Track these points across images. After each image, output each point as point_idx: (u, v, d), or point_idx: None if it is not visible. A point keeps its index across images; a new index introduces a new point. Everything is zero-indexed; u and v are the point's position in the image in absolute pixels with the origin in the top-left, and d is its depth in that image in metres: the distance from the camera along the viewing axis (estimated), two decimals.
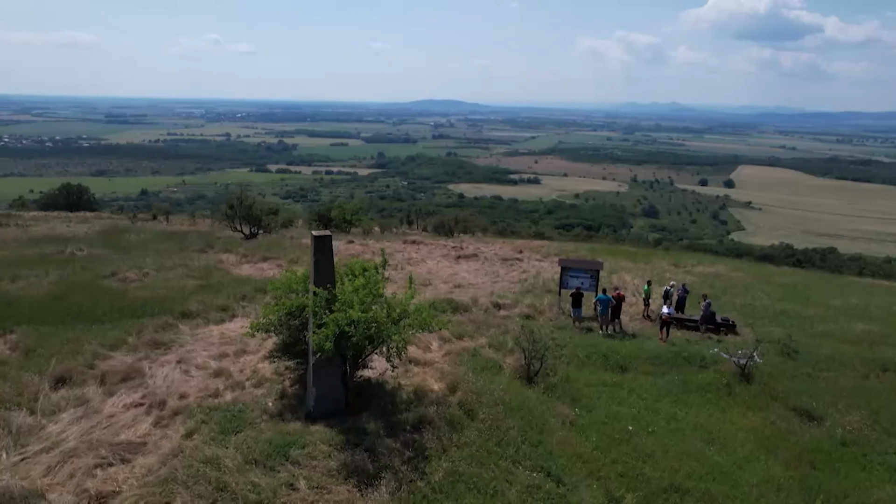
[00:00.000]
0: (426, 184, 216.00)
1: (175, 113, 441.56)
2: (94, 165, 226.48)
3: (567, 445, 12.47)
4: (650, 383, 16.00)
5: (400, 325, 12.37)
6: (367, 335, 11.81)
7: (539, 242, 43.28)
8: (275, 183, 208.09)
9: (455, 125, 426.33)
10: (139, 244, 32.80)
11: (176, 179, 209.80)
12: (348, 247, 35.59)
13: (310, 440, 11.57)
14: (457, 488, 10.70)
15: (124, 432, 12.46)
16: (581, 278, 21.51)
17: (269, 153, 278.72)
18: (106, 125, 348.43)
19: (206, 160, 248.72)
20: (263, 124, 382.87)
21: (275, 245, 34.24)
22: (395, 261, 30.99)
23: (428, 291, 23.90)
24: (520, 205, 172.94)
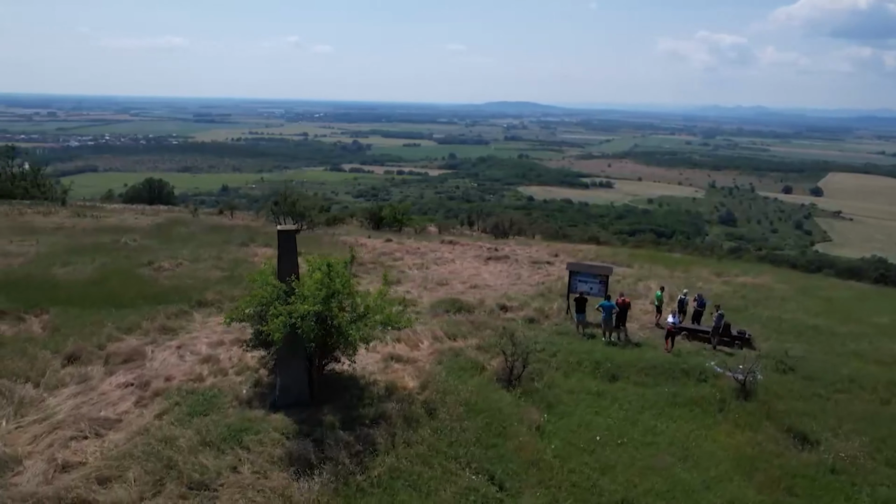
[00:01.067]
0: (496, 185, 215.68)
1: (257, 113, 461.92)
2: (182, 162, 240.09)
3: (524, 451, 12.28)
4: (637, 394, 15.43)
5: (362, 322, 12.58)
6: (322, 329, 12.08)
7: (585, 246, 42.38)
8: (348, 182, 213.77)
9: (528, 127, 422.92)
10: (187, 237, 34.66)
11: (255, 177, 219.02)
12: (385, 244, 36.16)
13: (264, 427, 12.01)
14: (394, 485, 10.81)
15: (106, 409, 13.35)
16: (590, 283, 20.98)
17: (343, 153, 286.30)
18: (194, 124, 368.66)
19: (284, 158, 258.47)
20: (339, 124, 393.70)
21: (312, 241, 35.23)
22: (425, 260, 31.30)
23: (442, 291, 24.02)
24: (590, 209, 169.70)
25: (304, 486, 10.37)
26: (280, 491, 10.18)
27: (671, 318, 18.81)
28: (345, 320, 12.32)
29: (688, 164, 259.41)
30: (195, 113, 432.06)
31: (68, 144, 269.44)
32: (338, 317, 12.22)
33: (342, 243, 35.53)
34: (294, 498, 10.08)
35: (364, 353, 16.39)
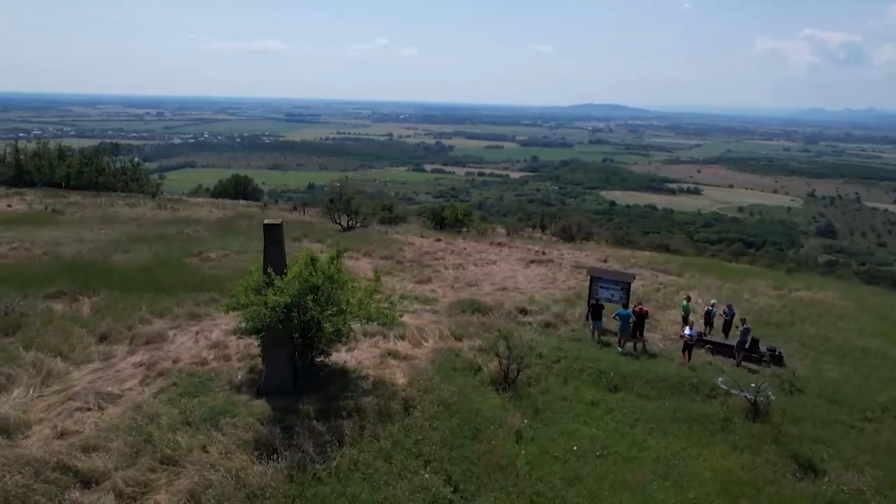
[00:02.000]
0: (577, 189, 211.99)
1: (345, 113, 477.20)
2: (272, 160, 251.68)
3: (493, 454, 12.15)
4: (635, 406, 14.81)
5: (339, 318, 12.88)
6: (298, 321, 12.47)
7: (645, 253, 40.86)
8: (429, 182, 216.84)
9: (614, 130, 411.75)
10: (245, 230, 36.47)
11: (340, 175, 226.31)
12: (433, 244, 36.50)
13: (242, 412, 12.58)
14: (350, 477, 11.03)
15: (114, 385, 14.40)
16: (611, 290, 20.30)
17: (426, 153, 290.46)
18: (285, 124, 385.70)
19: (369, 158, 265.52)
20: (424, 125, 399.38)
21: (362, 238, 36.17)
22: (466, 260, 31.37)
23: (468, 291, 24.03)
24: (674, 215, 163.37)
25: (260, 470, 10.78)
26: (236, 472, 10.64)
27: (688, 330, 17.90)
28: (317, 313, 12.67)
29: (784, 171, 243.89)
30: (287, 113, 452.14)
31: (172, 142, 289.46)
32: (312, 309, 12.58)
33: (391, 241, 36.24)
34: (247, 480, 10.51)
35: (364, 348, 16.82)
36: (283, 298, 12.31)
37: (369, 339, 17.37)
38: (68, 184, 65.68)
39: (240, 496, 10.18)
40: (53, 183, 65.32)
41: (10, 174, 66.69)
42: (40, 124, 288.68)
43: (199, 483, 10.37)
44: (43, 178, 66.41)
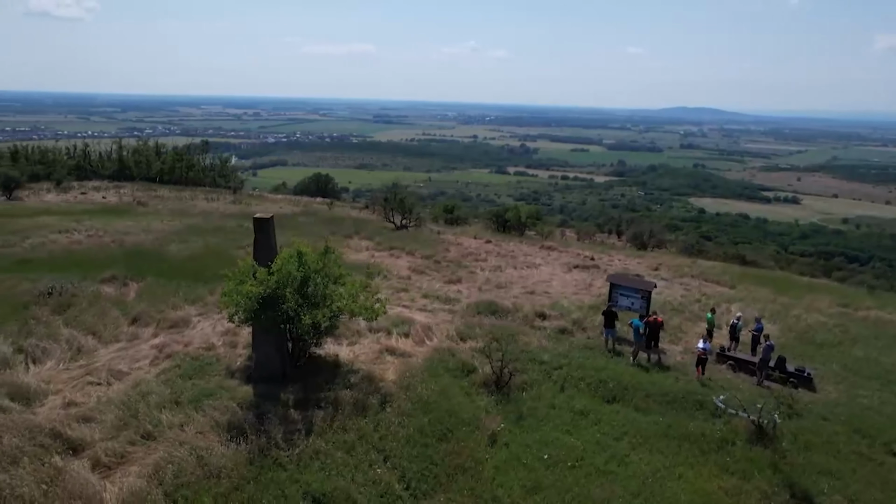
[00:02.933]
0: (664, 195, 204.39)
1: (432, 115, 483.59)
2: (359, 159, 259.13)
3: (456, 456, 12.11)
4: (628, 419, 14.20)
5: (320, 310, 13.25)
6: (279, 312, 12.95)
7: (710, 263, 38.84)
8: (511, 184, 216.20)
9: (707, 135, 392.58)
10: (301, 225, 38.02)
11: (423, 176, 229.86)
12: (482, 245, 36.48)
13: (225, 395, 13.24)
14: (310, 465, 11.37)
15: (127, 364, 15.51)
16: (631, 298, 19.52)
17: (510, 156, 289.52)
18: (373, 124, 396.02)
19: (453, 159, 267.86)
20: (509, 128, 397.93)
21: (411, 237, 36.68)
22: (507, 263, 31.12)
23: (494, 293, 23.88)
24: (768, 225, 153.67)
25: (223, 451, 11.33)
26: (200, 451, 11.22)
27: (701, 343, 16.93)
28: (293, 305, 13.09)
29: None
30: (375, 114, 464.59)
31: (266, 141, 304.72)
32: (288, 301, 13.03)
33: (439, 241, 36.55)
34: (208, 459, 11.07)
35: (365, 343, 17.17)
36: (258, 289, 12.85)
37: (373, 335, 17.69)
38: (162, 178, 70.91)
39: (197, 474, 10.75)
40: (150, 177, 70.71)
41: (113, 169, 72.80)
42: (151, 123, 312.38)
43: (163, 458, 11.05)
44: (141, 173, 72.04)
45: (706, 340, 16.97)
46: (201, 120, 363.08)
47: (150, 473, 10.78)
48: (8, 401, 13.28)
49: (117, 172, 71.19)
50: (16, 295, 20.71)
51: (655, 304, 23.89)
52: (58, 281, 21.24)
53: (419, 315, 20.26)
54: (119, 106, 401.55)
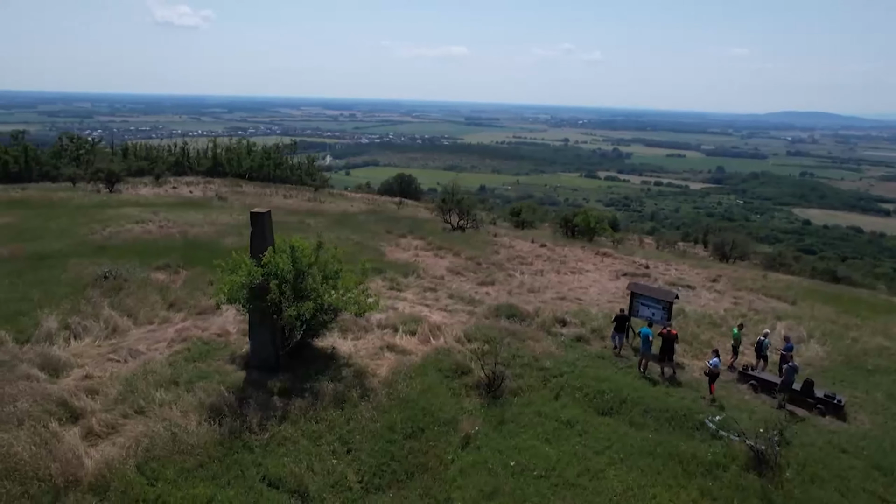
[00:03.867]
0: (766, 205, 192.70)
1: (523, 117, 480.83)
2: (448, 161, 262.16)
3: (421, 455, 12.17)
4: (616, 434, 13.59)
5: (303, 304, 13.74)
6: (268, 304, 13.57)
7: (783, 278, 36.31)
8: (600, 189, 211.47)
9: (819, 141, 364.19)
10: (360, 224, 39.15)
11: (511, 179, 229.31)
12: (534, 248, 36.06)
13: (217, 379, 14.00)
14: (276, 451, 11.88)
15: (146, 344, 16.75)
16: (652, 308, 18.61)
17: (601, 160, 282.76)
18: (464, 126, 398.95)
19: (542, 163, 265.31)
20: (602, 131, 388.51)
21: (463, 238, 36.83)
22: (552, 267, 30.59)
23: (523, 297, 23.58)
24: (885, 240, 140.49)
25: (198, 430, 12.03)
26: (176, 429, 11.99)
27: (713, 358, 15.92)
28: (277, 297, 13.62)
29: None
30: (467, 116, 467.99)
31: (360, 141, 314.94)
32: (272, 292, 13.58)
33: (490, 243, 36.48)
34: (181, 436, 11.81)
35: (369, 338, 17.55)
36: (242, 279, 13.51)
37: (379, 332, 18.02)
38: (251, 175, 75.20)
39: (169, 449, 11.50)
40: (240, 174, 75.20)
41: (207, 166, 78.07)
42: (254, 123, 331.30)
43: (143, 432, 11.90)
44: (232, 170, 76.76)
45: (718, 355, 15.97)
46: (301, 120, 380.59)
47: (128, 445, 11.66)
48: (38, 370, 14.74)
49: (211, 169, 76.26)
50: (81, 277, 22.82)
51: (695, 316, 22.79)
52: (115, 267, 23.18)
53: (437, 315, 20.40)
54: (227, 107, 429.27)
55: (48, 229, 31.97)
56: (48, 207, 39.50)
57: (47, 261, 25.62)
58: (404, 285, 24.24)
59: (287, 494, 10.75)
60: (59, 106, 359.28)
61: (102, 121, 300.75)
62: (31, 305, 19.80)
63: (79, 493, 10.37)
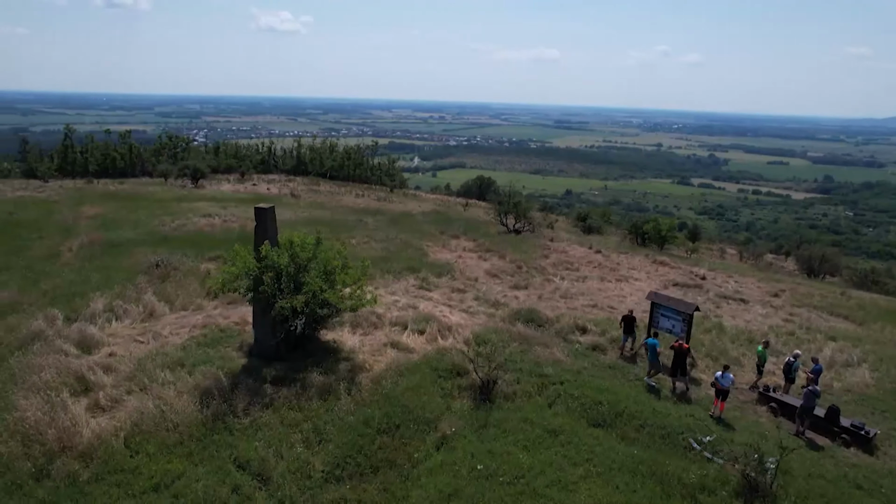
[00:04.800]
0: (880, 217, 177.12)
1: (614, 121, 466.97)
2: (535, 164, 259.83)
3: (391, 451, 12.33)
4: (602, 447, 13.04)
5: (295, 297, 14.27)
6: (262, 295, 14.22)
7: (865, 296, 33.41)
8: (693, 197, 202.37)
9: None
10: (415, 223, 39.73)
11: (599, 184, 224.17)
12: (589, 254, 35.18)
13: (218, 364, 14.84)
14: (253, 435, 12.52)
15: (171, 329, 17.94)
16: (672, 320, 17.68)
17: (696, 166, 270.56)
18: (553, 130, 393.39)
19: (632, 168, 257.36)
20: (698, 136, 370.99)
21: (515, 241, 36.44)
22: (599, 275, 29.77)
23: (550, 302, 23.15)
24: None
25: (185, 410, 12.79)
26: (166, 407, 12.84)
27: (720, 373, 14.94)
28: (271, 290, 14.20)
29: None
30: (556, 120, 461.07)
31: (448, 143, 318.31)
32: (265, 286, 14.18)
33: (542, 247, 35.95)
34: (169, 415, 12.64)
35: (376, 334, 17.90)
36: (234, 270, 14.22)
37: (388, 329, 18.29)
38: (331, 175, 78.07)
39: (156, 425, 12.34)
40: (321, 173, 78.28)
41: (291, 165, 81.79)
42: (347, 125, 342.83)
43: (137, 408, 12.81)
44: (315, 169, 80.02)
45: (726, 370, 14.99)
46: (391, 122, 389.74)
47: (124, 419, 12.61)
48: (72, 347, 16.23)
49: (295, 168, 79.83)
50: (138, 265, 24.77)
51: (733, 332, 21.52)
52: (168, 256, 24.92)
53: (456, 316, 20.44)
54: (322, 109, 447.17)
55: (127, 220, 34.81)
56: (134, 200, 42.93)
57: (116, 248, 27.96)
58: (434, 285, 24.44)
59: (250, 477, 11.27)
60: (172, 108, 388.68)
61: (208, 121, 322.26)
62: (88, 288, 21.76)
63: (68, 458, 11.38)
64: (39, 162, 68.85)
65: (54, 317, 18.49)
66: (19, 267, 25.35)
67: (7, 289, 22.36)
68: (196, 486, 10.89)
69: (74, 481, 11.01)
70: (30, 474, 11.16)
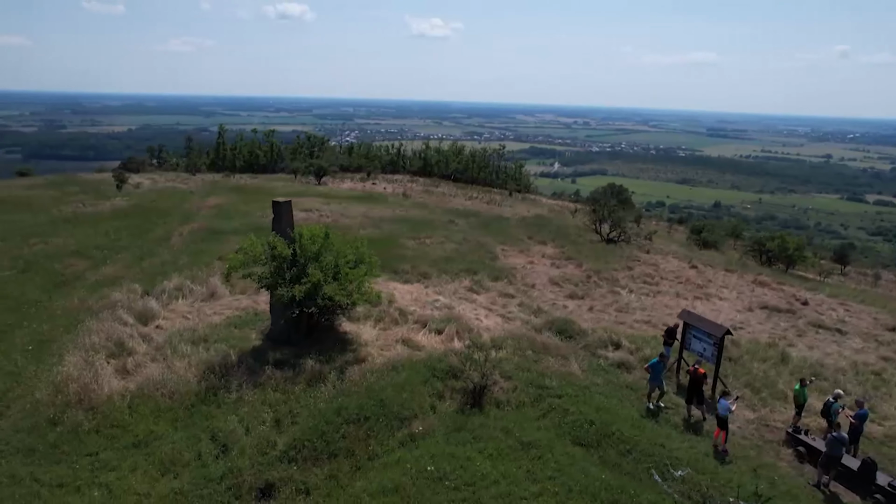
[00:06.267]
0: None
1: (776, 130, 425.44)
2: (682, 174, 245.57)
3: (354, 442, 12.66)
4: (573, 467, 12.16)
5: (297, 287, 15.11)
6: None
7: None
8: (866, 215, 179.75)
9: None
10: (503, 227, 39.62)
11: (752, 196, 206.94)
12: (679, 269, 32.97)
13: (233, 343, 16.17)
14: (235, 410, 13.57)
15: (216, 309, 19.75)
16: (703, 342, 16.03)
17: (872, 181, 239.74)
18: (706, 138, 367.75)
19: (792, 181, 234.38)
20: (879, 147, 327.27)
21: (606, 251, 34.97)
22: (684, 291, 27.82)
23: (602, 314, 22.09)
24: None
25: (188, 379, 14.13)
26: (171, 376, 14.25)
27: (723, 402, 13.36)
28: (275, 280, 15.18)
29: None
30: (709, 127, 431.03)
31: (590, 150, 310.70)
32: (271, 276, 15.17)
33: (629, 258, 34.21)
34: (173, 384, 14.01)
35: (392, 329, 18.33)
36: (238, 257, 15.31)
37: (406, 325, 18.60)
38: (455, 177, 79.95)
39: (155, 389, 13.81)
40: (446, 175, 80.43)
41: (418, 166, 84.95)
42: (490, 129, 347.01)
43: (149, 375, 14.40)
44: (440, 171, 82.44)
45: (725, 397, 13.44)
46: (533, 127, 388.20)
47: (137, 382, 14.23)
48: (133, 318, 18.49)
49: (421, 169, 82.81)
50: (223, 251, 27.32)
51: (798, 363, 19.16)
52: None
53: (490, 320, 20.29)
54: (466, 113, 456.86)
55: (238, 211, 38.43)
56: (254, 193, 47.15)
57: (215, 236, 31.08)
58: (485, 289, 24.36)
59: (216, 446, 12.25)
60: (328, 110, 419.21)
61: (360, 123, 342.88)
62: (174, 268, 24.50)
63: (79, 410, 13.15)
64: (199, 158, 78.18)
65: (134, 290, 21.15)
66: (136, 247, 29.13)
67: (117, 264, 25.87)
68: (167, 448, 12.10)
69: (76, 430, 12.71)
70: (48, 419, 13.05)
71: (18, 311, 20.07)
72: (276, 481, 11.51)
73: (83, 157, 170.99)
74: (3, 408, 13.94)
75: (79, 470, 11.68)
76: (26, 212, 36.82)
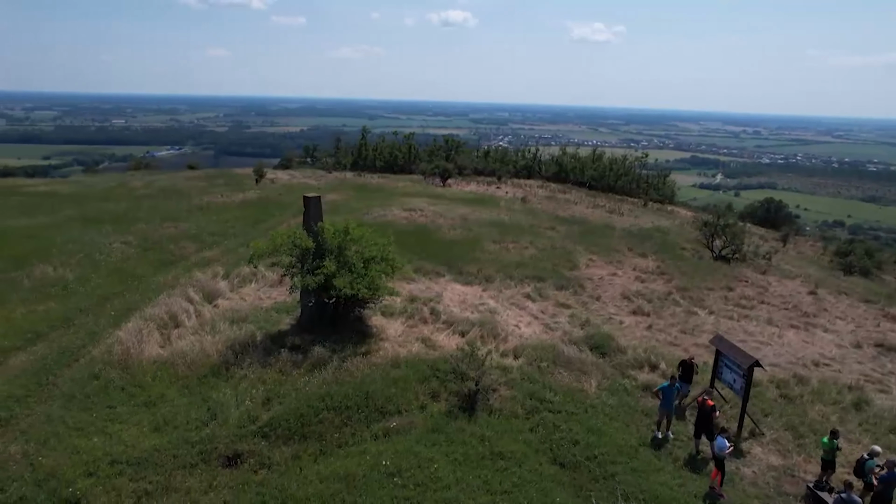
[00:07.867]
0: None
1: None
2: (870, 190, 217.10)
3: (326, 426, 13.24)
4: (538, 486, 11.47)
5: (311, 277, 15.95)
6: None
7: None
8: None
9: None
10: (603, 237, 37.92)
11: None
12: (802, 294, 29.48)
13: (263, 325, 17.51)
14: (235, 386, 14.69)
15: (272, 294, 21.26)
16: (734, 373, 14.20)
17: None
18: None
19: None
20: None
21: (711, 269, 32.15)
22: (789, 319, 24.92)
23: (665, 335, 20.53)
24: None
25: (210, 353, 15.66)
26: (196, 349, 15.81)
27: (719, 440, 11.77)
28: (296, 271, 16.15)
29: None
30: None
31: (759, 161, 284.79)
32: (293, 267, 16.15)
33: (739, 277, 31.24)
34: (193, 355, 15.59)
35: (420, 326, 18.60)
36: (262, 247, 16.40)
37: (435, 325, 18.75)
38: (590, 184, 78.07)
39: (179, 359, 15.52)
40: (581, 182, 78.86)
41: (553, 171, 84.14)
42: (648, 136, 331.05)
43: (184, 346, 16.10)
44: (576, 177, 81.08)
45: (721, 433, 11.87)
46: (697, 135, 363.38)
47: (170, 351, 16.04)
48: (200, 296, 20.68)
49: (555, 175, 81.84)
50: None
51: (879, 412, 16.41)
52: None
53: (530, 328, 19.81)
54: (624, 119, 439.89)
55: (348, 207, 40.81)
56: (372, 192, 49.76)
57: None
58: (544, 297, 23.65)
59: (208, 414, 13.45)
60: (484, 115, 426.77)
61: (514, 128, 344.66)
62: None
63: (114, 367, 15.19)
64: (345, 157, 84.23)
65: (216, 272, 23.57)
66: (243, 234, 32.26)
67: (219, 249, 28.94)
68: (166, 410, 13.55)
69: (108, 385, 14.67)
70: (91, 374, 15.21)
71: (125, 283, 23.27)
72: (244, 452, 12.42)
73: (262, 154, 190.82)
74: (74, 360, 16.40)
75: (95, 419, 13.50)
76: (177, 199, 42.26)
